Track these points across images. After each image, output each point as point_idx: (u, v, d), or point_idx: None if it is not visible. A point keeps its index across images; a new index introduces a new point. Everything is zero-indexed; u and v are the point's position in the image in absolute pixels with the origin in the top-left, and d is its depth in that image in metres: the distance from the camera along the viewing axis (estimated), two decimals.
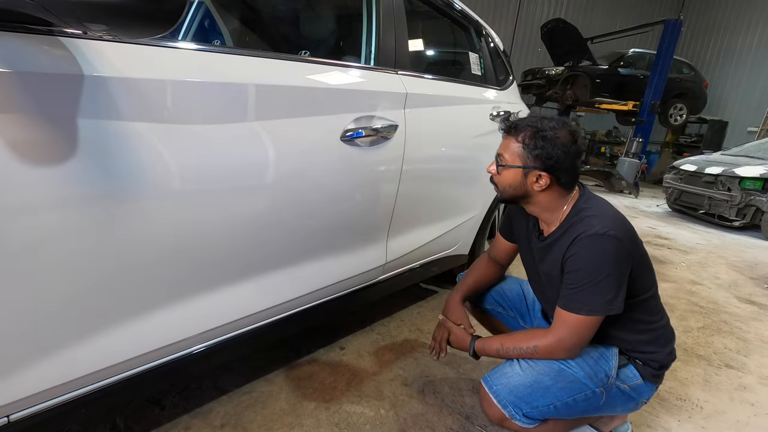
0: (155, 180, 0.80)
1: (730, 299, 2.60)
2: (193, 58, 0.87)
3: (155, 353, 0.91)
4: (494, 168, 1.06)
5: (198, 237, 0.91)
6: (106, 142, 0.72)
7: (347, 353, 1.58)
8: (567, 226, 1.01)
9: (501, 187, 1.07)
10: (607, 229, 0.94)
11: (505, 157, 1.03)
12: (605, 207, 1.03)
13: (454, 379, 1.48)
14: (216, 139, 0.89)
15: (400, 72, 1.40)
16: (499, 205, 2.17)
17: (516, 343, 1.03)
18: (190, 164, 0.85)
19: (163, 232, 0.85)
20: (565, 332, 0.97)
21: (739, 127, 9.04)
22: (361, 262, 1.41)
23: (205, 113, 0.87)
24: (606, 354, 1.04)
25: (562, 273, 1.01)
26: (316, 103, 1.11)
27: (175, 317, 0.93)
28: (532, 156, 0.98)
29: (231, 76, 0.92)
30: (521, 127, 1.00)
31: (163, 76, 0.80)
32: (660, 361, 1.07)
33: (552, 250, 1.04)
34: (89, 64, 0.69)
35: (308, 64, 1.12)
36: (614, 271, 0.93)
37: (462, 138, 1.75)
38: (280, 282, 1.16)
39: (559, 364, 1.00)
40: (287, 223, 1.10)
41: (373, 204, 1.36)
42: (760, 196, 4.47)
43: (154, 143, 0.79)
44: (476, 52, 2.01)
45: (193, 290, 0.96)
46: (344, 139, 1.16)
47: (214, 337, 1.04)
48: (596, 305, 0.94)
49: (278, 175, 1.03)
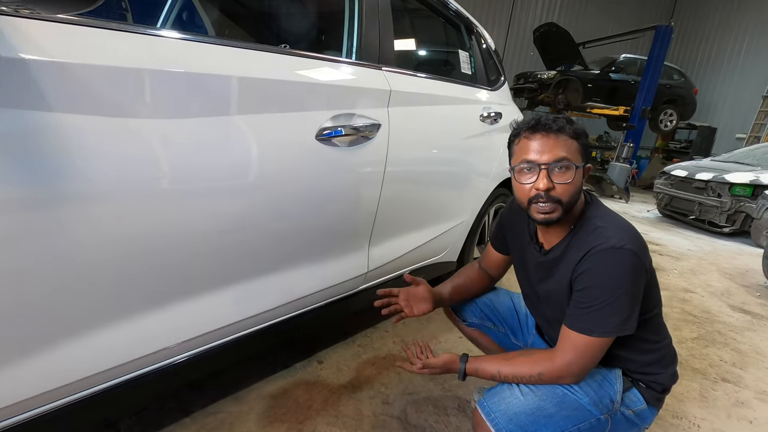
0: (100, 180, 0.70)
1: (723, 308, 2.55)
2: (139, 43, 0.76)
3: (108, 373, 0.81)
4: (564, 177, 0.85)
5: (150, 245, 0.81)
6: (22, 137, 0.62)
7: (326, 367, 1.47)
8: (575, 238, 0.92)
9: (569, 198, 0.87)
10: (624, 242, 0.85)
11: (570, 158, 0.85)
12: (615, 216, 0.93)
13: (438, 396, 1.39)
14: (166, 135, 0.79)
15: (384, 68, 1.31)
16: (490, 210, 2.08)
17: (516, 369, 0.92)
18: (134, 164, 0.75)
19: (104, 242, 0.74)
20: (573, 356, 0.87)
21: (727, 133, 9.12)
22: (341, 270, 1.31)
23: (154, 106, 0.77)
24: (609, 377, 0.96)
25: (570, 290, 0.91)
26: (289, 98, 1.01)
27: (130, 334, 0.83)
28: (585, 148, 0.89)
29: (188, 65, 0.82)
30: (563, 122, 0.88)
31: (96, 62, 0.69)
32: (663, 384, 0.98)
33: (557, 265, 0.94)
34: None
35: (279, 55, 1.02)
36: (631, 289, 0.85)
37: (450, 139, 1.66)
38: (249, 293, 1.06)
39: (563, 389, 0.90)
40: (256, 230, 1.00)
41: (353, 209, 1.26)
42: (749, 202, 4.46)
43: (88, 139, 0.68)
44: (466, 50, 1.93)
45: (150, 304, 0.86)
46: (320, 138, 1.07)
47: (177, 354, 0.94)
48: (610, 326, 0.85)
49: (244, 176, 0.93)
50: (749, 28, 9.18)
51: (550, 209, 0.88)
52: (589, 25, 10.00)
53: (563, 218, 0.90)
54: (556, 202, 0.87)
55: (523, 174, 0.90)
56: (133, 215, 0.77)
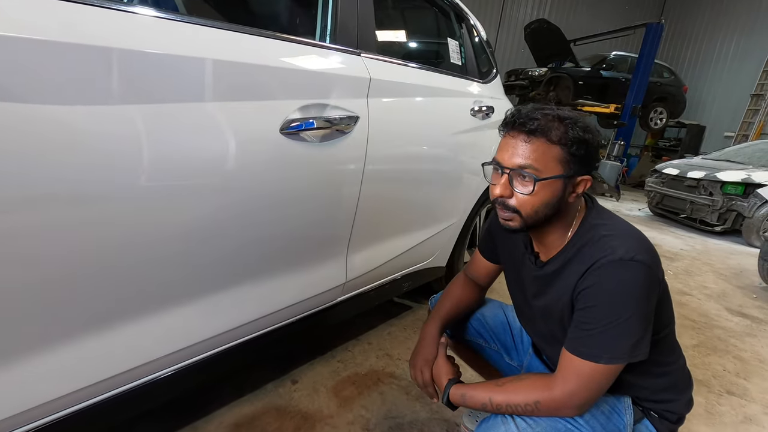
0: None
1: (721, 312, 2.46)
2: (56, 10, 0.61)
3: (43, 408, 0.68)
4: (523, 188, 0.74)
5: (69, 260, 0.66)
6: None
7: (300, 388, 1.33)
8: (576, 248, 0.79)
9: (530, 211, 0.76)
10: (634, 252, 0.72)
11: (537, 168, 0.73)
12: (622, 222, 0.81)
13: (425, 420, 1.25)
14: (85, 127, 0.64)
15: (363, 54, 1.16)
16: (481, 211, 1.95)
17: (510, 397, 0.78)
18: (43, 163, 0.60)
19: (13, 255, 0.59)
20: (576, 384, 0.74)
21: (716, 131, 9.13)
22: (315, 281, 1.17)
23: (75, 88, 0.62)
24: (618, 407, 0.83)
25: (571, 308, 0.78)
26: (247, 83, 0.86)
27: (66, 362, 0.69)
28: (578, 157, 0.74)
29: (110, 39, 0.66)
30: (546, 121, 0.73)
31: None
32: (678, 412, 0.86)
33: (556, 279, 0.81)
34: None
35: (237, 33, 0.87)
36: (643, 307, 0.72)
37: (438, 135, 1.52)
38: (208, 311, 0.91)
39: (565, 423, 0.77)
40: (211, 239, 0.85)
41: (327, 213, 1.12)
42: (741, 201, 4.42)
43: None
44: (456, 39, 1.79)
45: (92, 324, 0.72)
46: (286, 132, 0.92)
47: (128, 381, 0.80)
48: (619, 351, 0.72)
49: (191, 176, 0.78)
50: (738, 27, 9.20)
51: (508, 218, 0.79)
52: (580, 22, 9.95)
53: (529, 229, 0.80)
54: (514, 211, 0.77)
55: (494, 174, 0.81)
56: (46, 224, 0.62)
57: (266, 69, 0.89)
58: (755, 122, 8.17)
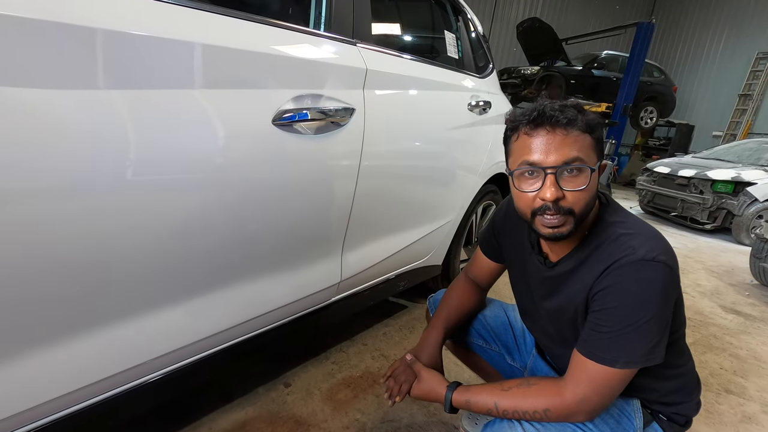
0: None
1: (716, 309, 2.46)
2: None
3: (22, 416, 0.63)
4: (576, 183, 0.68)
5: (67, 254, 0.60)
6: None
7: (294, 391, 1.28)
8: (592, 247, 0.75)
9: (584, 207, 0.70)
10: (656, 252, 0.68)
11: (584, 158, 0.68)
12: (639, 221, 0.77)
13: (422, 423, 1.21)
14: (74, 111, 0.58)
15: (359, 44, 1.12)
16: (477, 208, 1.92)
17: (517, 403, 0.74)
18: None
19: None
20: (589, 389, 0.70)
21: (704, 131, 9.24)
22: (309, 281, 1.12)
23: (53, 70, 0.57)
24: (627, 410, 0.80)
25: (585, 309, 0.75)
26: (238, 71, 0.81)
27: (48, 369, 0.65)
28: (599, 144, 0.72)
29: (93, 18, 0.61)
30: (575, 111, 0.69)
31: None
32: (687, 415, 0.84)
33: (569, 280, 0.78)
34: None
35: (229, 18, 0.81)
36: (663, 310, 0.69)
37: (436, 129, 1.48)
38: (197, 313, 0.86)
39: (574, 427, 0.74)
40: (198, 237, 0.80)
41: (322, 209, 1.07)
42: (731, 199, 4.46)
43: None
44: (453, 32, 1.75)
45: (73, 327, 0.67)
46: (278, 123, 0.87)
47: (107, 390, 0.75)
48: (636, 355, 0.68)
49: (178, 170, 0.73)
50: (726, 27, 9.31)
51: (559, 222, 0.70)
52: (572, 22, 9.99)
53: (575, 231, 0.73)
54: (568, 213, 0.70)
55: (525, 180, 0.72)
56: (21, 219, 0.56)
57: (258, 56, 0.84)
58: (743, 122, 8.29)
